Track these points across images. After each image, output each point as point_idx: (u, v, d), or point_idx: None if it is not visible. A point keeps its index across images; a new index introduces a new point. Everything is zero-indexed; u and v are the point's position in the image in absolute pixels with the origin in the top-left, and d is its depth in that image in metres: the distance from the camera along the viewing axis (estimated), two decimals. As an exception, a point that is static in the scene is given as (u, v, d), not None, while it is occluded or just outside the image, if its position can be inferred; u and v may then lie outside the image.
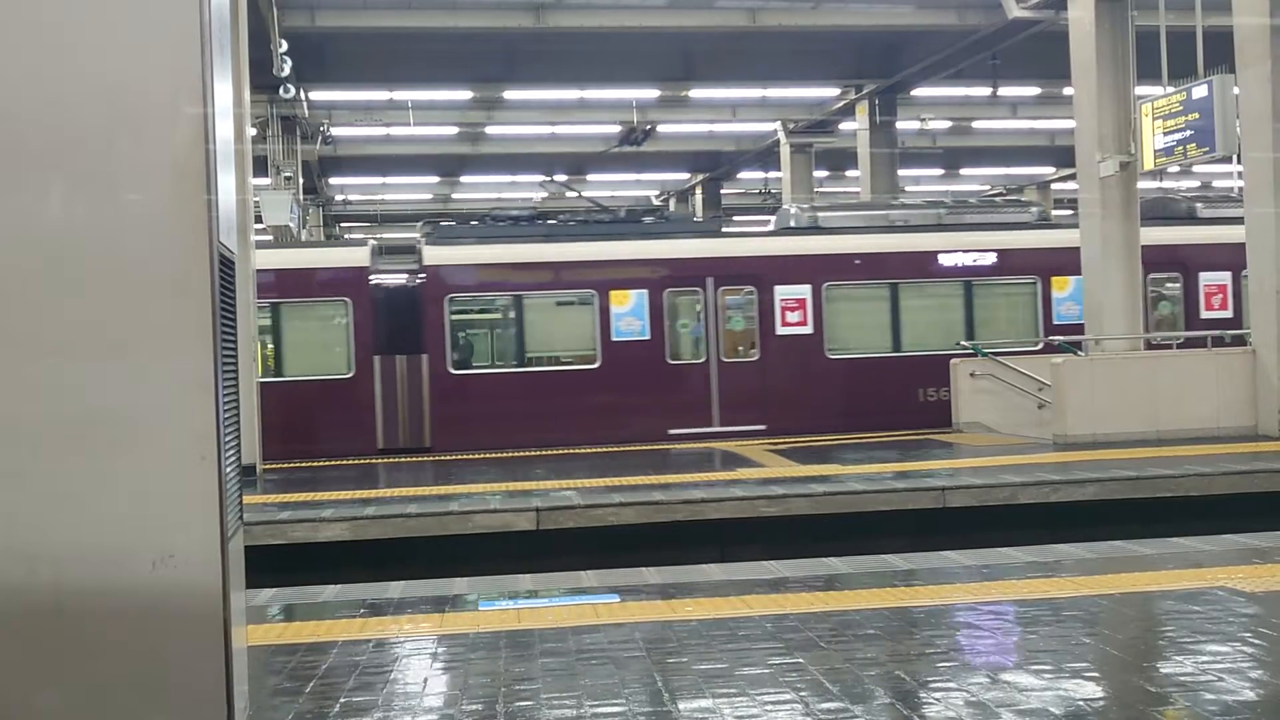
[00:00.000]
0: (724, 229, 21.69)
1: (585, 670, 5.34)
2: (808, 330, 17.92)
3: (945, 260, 18.57)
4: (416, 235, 18.44)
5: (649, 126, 28.50)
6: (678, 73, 23.89)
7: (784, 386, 17.75)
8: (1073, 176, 22.89)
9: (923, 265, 18.51)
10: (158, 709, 3.71)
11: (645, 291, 17.68)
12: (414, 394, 17.11)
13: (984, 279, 18.52)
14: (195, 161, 3.73)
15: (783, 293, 17.97)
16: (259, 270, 15.62)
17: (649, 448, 16.14)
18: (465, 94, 25.40)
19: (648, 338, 17.65)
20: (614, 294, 17.63)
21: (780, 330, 17.92)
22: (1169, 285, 19.09)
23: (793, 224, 19.30)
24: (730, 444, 16.16)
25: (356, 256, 17.74)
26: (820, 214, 19.30)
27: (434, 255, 17.53)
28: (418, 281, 17.48)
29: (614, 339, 17.58)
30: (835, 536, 10.58)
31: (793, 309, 17.95)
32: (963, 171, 36.56)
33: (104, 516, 3.68)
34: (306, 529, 10.29)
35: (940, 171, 35.95)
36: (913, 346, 18.11)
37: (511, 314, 17.68)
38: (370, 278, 17.29)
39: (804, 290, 17.91)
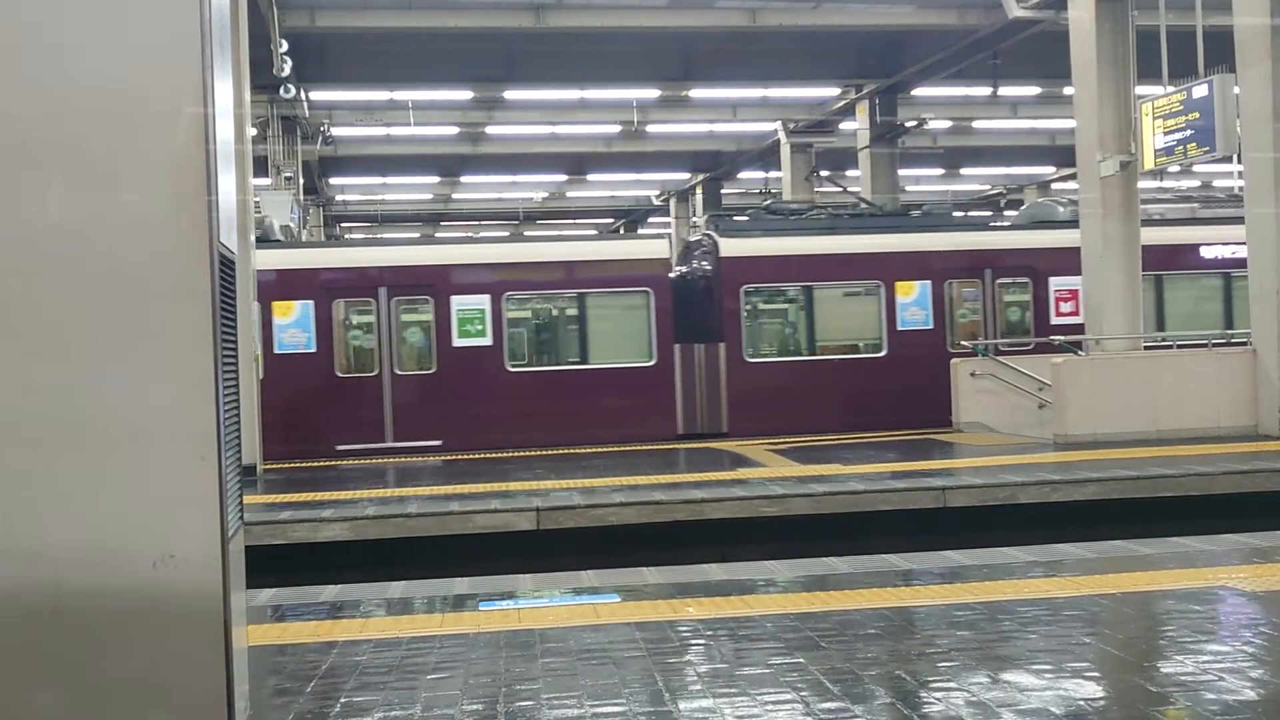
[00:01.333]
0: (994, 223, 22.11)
1: (586, 670, 5.34)
2: (1079, 320, 18.02)
3: (1206, 253, 18.91)
4: (706, 228, 18.68)
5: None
6: (678, 73, 23.87)
7: None
8: (1073, 176, 22.87)
9: (1185, 258, 18.81)
10: (158, 709, 3.72)
11: (928, 282, 18.08)
12: (712, 381, 17.62)
13: (1243, 271, 18.54)
14: (195, 161, 3.73)
15: (1056, 284, 18.39)
16: (564, 262, 16.91)
17: (933, 434, 16.32)
18: (465, 94, 25.37)
19: (930, 327, 18.06)
20: (899, 285, 18.01)
21: (1054, 320, 18.29)
22: None
23: (1034, 216, 19.60)
24: (731, 443, 16.15)
25: (657, 249, 18.16)
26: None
27: (729, 247, 18.03)
28: (714, 273, 18.00)
29: (899, 328, 17.99)
30: (835, 536, 10.57)
31: (1065, 299, 18.33)
32: (963, 171, 36.55)
33: (104, 516, 3.68)
34: (307, 529, 10.30)
35: (940, 171, 35.94)
36: (1178, 337, 18.01)
37: (802, 304, 18.17)
38: (670, 269, 17.81)
39: (1076, 281, 17.97)
